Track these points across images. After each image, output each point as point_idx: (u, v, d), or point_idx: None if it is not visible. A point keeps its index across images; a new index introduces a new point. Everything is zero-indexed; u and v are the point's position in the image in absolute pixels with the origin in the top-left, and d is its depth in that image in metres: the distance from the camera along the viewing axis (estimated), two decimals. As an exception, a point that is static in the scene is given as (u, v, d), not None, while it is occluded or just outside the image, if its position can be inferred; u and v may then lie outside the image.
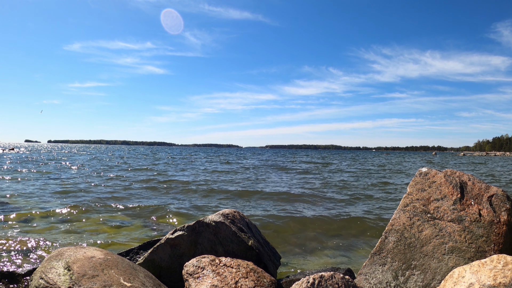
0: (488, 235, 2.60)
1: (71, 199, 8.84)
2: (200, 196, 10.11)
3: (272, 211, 7.86)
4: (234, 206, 8.43)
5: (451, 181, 2.91)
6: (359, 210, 8.27)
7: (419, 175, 3.08)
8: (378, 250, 2.97)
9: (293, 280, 3.30)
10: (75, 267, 2.40)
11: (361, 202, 9.52)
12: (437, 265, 2.66)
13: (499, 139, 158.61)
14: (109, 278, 2.40)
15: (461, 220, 2.71)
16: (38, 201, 8.40)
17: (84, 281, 2.29)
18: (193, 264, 2.87)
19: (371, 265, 2.96)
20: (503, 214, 2.66)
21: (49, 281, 2.31)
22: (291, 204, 9.02)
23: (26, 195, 9.22)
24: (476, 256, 2.56)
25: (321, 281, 2.35)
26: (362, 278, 2.96)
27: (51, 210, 7.30)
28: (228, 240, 3.39)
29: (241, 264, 2.90)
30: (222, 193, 10.73)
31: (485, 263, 2.18)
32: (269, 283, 2.81)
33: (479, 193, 2.81)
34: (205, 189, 11.47)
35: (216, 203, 8.94)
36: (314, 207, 8.66)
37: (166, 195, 10.17)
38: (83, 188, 10.88)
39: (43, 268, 2.45)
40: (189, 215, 7.30)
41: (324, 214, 7.55)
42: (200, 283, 2.70)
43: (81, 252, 2.66)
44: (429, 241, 2.76)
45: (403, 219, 2.94)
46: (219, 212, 3.66)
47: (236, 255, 3.32)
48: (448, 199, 2.84)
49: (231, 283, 2.68)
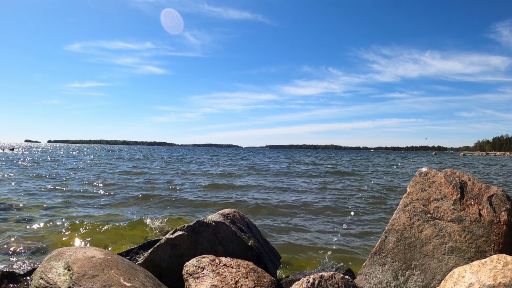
0: (488, 235, 2.60)
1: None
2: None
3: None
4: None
5: (451, 181, 2.91)
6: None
7: (419, 175, 3.08)
8: (378, 250, 2.97)
9: (293, 280, 3.30)
10: (75, 267, 2.40)
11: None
12: (437, 265, 2.66)
13: (499, 139, 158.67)
14: (109, 278, 2.40)
15: (461, 220, 2.71)
16: (38, 201, 8.40)
17: (84, 281, 2.29)
18: (193, 264, 2.87)
19: (371, 265, 2.96)
20: (503, 214, 2.66)
21: (49, 281, 2.30)
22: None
23: (24, 195, 9.22)
24: (476, 256, 2.56)
25: (321, 281, 2.35)
26: (362, 278, 2.96)
27: (50, 207, 7.30)
28: (228, 240, 3.39)
29: (241, 264, 2.90)
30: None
31: (485, 263, 2.18)
32: (269, 283, 2.81)
33: (479, 193, 2.81)
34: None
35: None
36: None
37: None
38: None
39: (43, 268, 2.45)
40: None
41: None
42: (200, 283, 2.70)
43: (81, 252, 2.66)
44: (429, 241, 2.76)
45: (403, 219, 2.94)
46: (219, 212, 3.66)
47: (236, 255, 3.32)
48: (448, 199, 2.84)
49: (231, 283, 2.68)
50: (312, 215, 7.62)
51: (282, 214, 7.74)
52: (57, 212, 7.15)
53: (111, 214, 7.23)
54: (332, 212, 8.00)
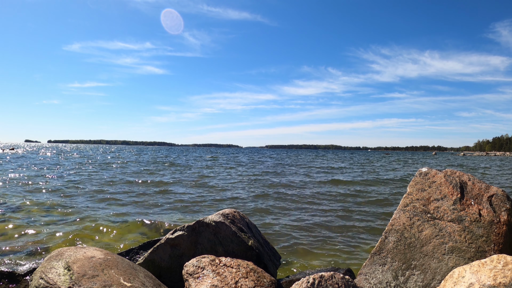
0: (488, 235, 2.60)
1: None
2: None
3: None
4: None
5: (451, 181, 2.91)
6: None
7: (419, 175, 3.08)
8: (378, 250, 2.97)
9: (293, 280, 3.30)
10: (75, 267, 2.40)
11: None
12: (437, 265, 2.66)
13: (499, 139, 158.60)
14: (109, 278, 2.40)
15: (461, 220, 2.71)
16: (38, 201, 8.40)
17: (84, 281, 2.29)
18: (193, 264, 2.87)
19: (371, 265, 2.96)
20: (503, 214, 2.66)
21: (49, 281, 2.30)
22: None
23: (24, 196, 9.22)
24: (476, 256, 2.56)
25: (321, 281, 2.35)
26: (362, 278, 2.96)
27: (51, 207, 7.30)
28: (228, 240, 3.39)
29: (241, 264, 2.90)
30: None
31: (485, 263, 2.18)
32: (269, 283, 2.81)
33: (479, 193, 2.81)
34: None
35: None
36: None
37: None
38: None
39: (43, 268, 2.45)
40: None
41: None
42: (200, 283, 2.70)
43: (81, 252, 2.66)
44: (429, 241, 2.76)
45: (403, 219, 2.94)
46: (219, 212, 3.66)
47: (236, 255, 3.32)
48: (448, 199, 2.84)
49: (231, 283, 2.68)
50: (312, 215, 7.62)
51: (282, 214, 7.74)
52: (57, 212, 7.15)
53: (111, 214, 7.22)
54: (332, 212, 8.01)
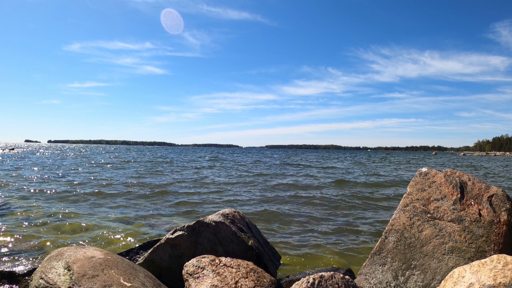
0: (488, 235, 2.60)
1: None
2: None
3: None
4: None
5: (451, 181, 2.91)
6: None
7: (419, 175, 3.08)
8: (378, 250, 2.97)
9: (293, 280, 3.30)
10: (75, 267, 2.40)
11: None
12: (437, 265, 2.66)
13: (499, 139, 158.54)
14: (109, 278, 2.40)
15: (461, 220, 2.71)
16: (38, 201, 8.40)
17: (84, 281, 2.29)
18: (193, 264, 2.87)
19: (371, 265, 2.96)
20: (503, 214, 2.66)
21: (49, 281, 2.30)
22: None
23: (25, 195, 9.22)
24: (476, 256, 2.56)
25: (321, 281, 2.35)
26: (362, 278, 2.96)
27: (50, 207, 7.30)
28: (228, 240, 3.39)
29: (241, 264, 2.90)
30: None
31: (485, 263, 2.18)
32: (269, 283, 2.81)
33: (479, 193, 2.81)
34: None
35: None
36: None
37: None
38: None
39: (43, 268, 2.45)
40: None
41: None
42: (200, 283, 2.70)
43: (81, 252, 2.66)
44: (429, 241, 2.76)
45: (403, 219, 2.94)
46: (219, 212, 3.66)
47: (236, 255, 3.32)
48: (448, 199, 2.83)
49: (231, 283, 2.68)
50: (312, 215, 7.62)
51: (282, 214, 7.74)
52: (57, 212, 7.15)
53: (111, 214, 7.23)
54: (332, 213, 8.00)
